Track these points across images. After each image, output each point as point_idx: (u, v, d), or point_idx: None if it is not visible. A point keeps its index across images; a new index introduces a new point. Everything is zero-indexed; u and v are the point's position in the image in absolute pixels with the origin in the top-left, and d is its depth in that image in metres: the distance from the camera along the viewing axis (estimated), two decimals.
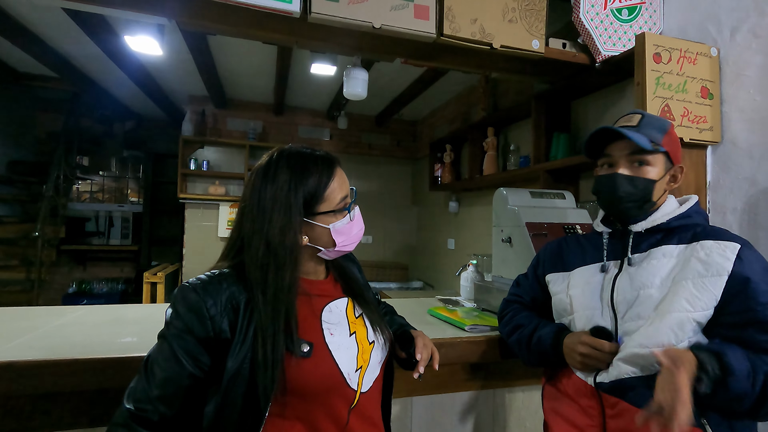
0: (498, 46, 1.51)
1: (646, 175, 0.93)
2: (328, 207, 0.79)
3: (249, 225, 0.76)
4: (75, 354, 0.97)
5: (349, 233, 0.82)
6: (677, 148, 0.97)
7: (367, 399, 0.81)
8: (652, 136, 0.93)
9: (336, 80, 3.54)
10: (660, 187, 0.95)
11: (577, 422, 0.96)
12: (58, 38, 3.01)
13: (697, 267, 0.85)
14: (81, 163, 5.33)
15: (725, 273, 0.83)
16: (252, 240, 0.75)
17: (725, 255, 0.84)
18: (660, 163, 0.94)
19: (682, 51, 1.44)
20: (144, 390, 0.69)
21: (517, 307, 1.18)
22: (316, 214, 0.78)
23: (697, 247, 0.88)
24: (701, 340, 0.85)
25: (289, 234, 0.74)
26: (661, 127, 0.95)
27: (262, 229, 0.74)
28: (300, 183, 0.76)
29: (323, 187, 0.78)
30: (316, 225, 0.79)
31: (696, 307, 0.84)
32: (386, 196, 4.93)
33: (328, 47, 1.68)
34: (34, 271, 4.47)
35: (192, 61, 3.20)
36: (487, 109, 3.14)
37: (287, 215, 0.74)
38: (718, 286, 0.83)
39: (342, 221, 0.81)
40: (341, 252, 0.84)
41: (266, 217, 0.74)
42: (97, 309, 1.49)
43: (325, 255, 0.83)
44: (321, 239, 0.80)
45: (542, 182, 2.23)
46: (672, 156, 0.95)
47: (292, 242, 0.75)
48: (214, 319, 0.70)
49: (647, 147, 0.90)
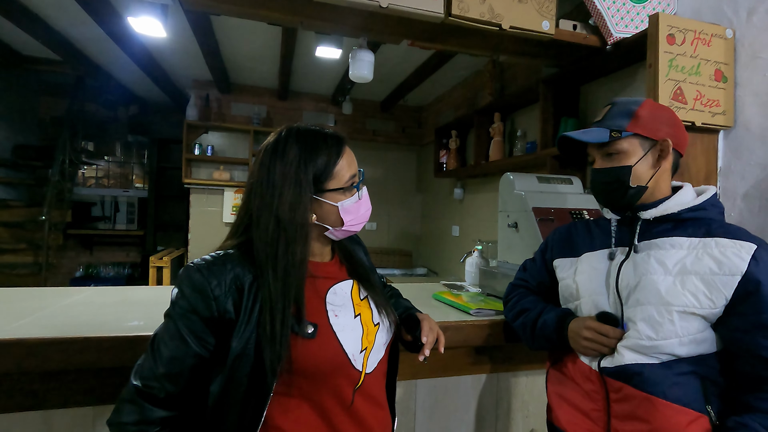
0: (507, 27, 1.48)
1: (621, 162, 0.93)
2: (337, 184, 0.79)
3: (258, 201, 0.76)
4: (83, 332, 0.98)
5: (357, 212, 0.82)
6: (656, 123, 0.93)
7: (371, 380, 0.81)
8: (614, 124, 0.93)
9: (341, 64, 3.50)
10: (642, 168, 0.92)
11: (581, 406, 0.96)
12: (61, 19, 2.98)
13: (709, 264, 0.84)
14: (86, 147, 5.33)
15: (739, 273, 0.81)
16: (261, 216, 0.75)
17: (740, 255, 0.82)
18: (634, 145, 0.92)
19: (697, 32, 1.40)
20: (150, 368, 0.70)
21: (523, 291, 1.17)
22: (325, 191, 0.78)
23: (711, 243, 0.86)
24: (708, 337, 0.84)
25: (299, 210, 0.74)
26: (628, 111, 0.94)
27: (271, 206, 0.74)
28: (310, 159, 0.76)
29: (332, 164, 0.78)
30: (324, 202, 0.79)
31: (703, 304, 0.83)
32: (391, 183, 4.92)
33: (334, 28, 1.65)
34: (41, 254, 4.51)
35: (196, 44, 3.16)
36: (493, 94, 3.09)
37: (297, 191, 0.74)
38: (730, 286, 0.81)
39: (350, 200, 0.81)
40: (348, 232, 0.83)
41: (276, 193, 0.74)
42: (104, 290, 1.51)
43: (333, 234, 0.83)
44: (329, 217, 0.80)
45: (549, 168, 2.21)
46: (648, 134, 0.92)
47: (302, 218, 0.75)
48: (218, 299, 0.70)
49: (603, 140, 0.92)
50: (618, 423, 0.89)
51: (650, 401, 0.84)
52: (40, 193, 4.71)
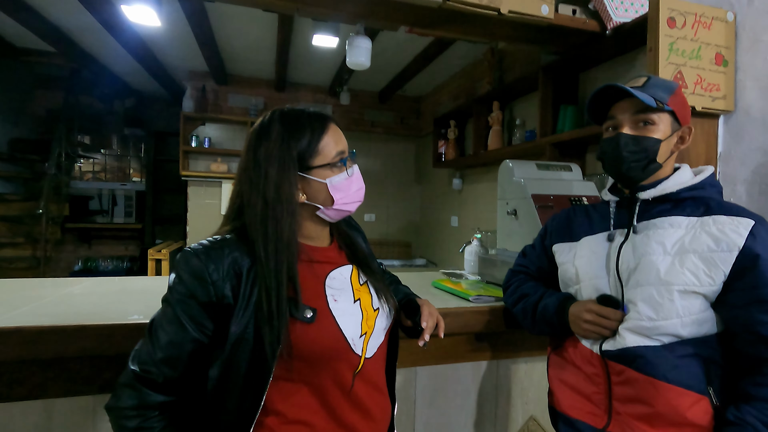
0: (506, 11, 1.46)
1: (652, 134, 0.90)
2: (323, 160, 0.78)
3: (247, 183, 0.76)
4: (81, 321, 0.97)
5: (348, 190, 0.81)
6: (685, 108, 0.94)
7: (371, 364, 0.81)
8: (657, 95, 0.90)
9: (338, 54, 3.47)
10: (666, 147, 0.92)
11: (582, 390, 0.96)
12: (54, 9, 2.94)
13: (707, 241, 0.83)
14: (82, 141, 5.30)
15: (736, 249, 0.81)
16: (251, 198, 0.75)
17: (738, 231, 0.82)
18: (666, 122, 0.91)
19: (697, 15, 1.39)
20: (148, 353, 0.69)
21: (523, 277, 1.17)
22: (312, 168, 0.78)
23: (709, 221, 0.86)
24: (710, 318, 0.84)
25: (284, 187, 0.74)
26: (668, 87, 0.93)
27: (258, 186, 0.74)
28: (292, 137, 0.76)
29: (316, 140, 0.78)
30: (312, 180, 0.78)
31: (702, 282, 0.82)
32: (390, 174, 4.90)
33: (330, 14, 1.63)
34: (39, 248, 4.50)
35: (191, 34, 3.12)
36: (492, 82, 3.07)
37: (281, 169, 0.75)
38: (728, 262, 0.81)
39: (339, 176, 0.80)
40: (341, 212, 0.82)
41: (261, 173, 0.74)
42: (103, 280, 1.50)
43: (325, 214, 0.82)
44: (319, 195, 0.79)
45: (548, 156, 2.20)
46: (679, 116, 0.92)
47: (288, 196, 0.75)
48: (216, 284, 0.69)
49: (651, 104, 0.88)
50: (619, 405, 0.89)
51: (652, 384, 0.84)
52: (37, 187, 4.68)
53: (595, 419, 0.93)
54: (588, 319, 0.92)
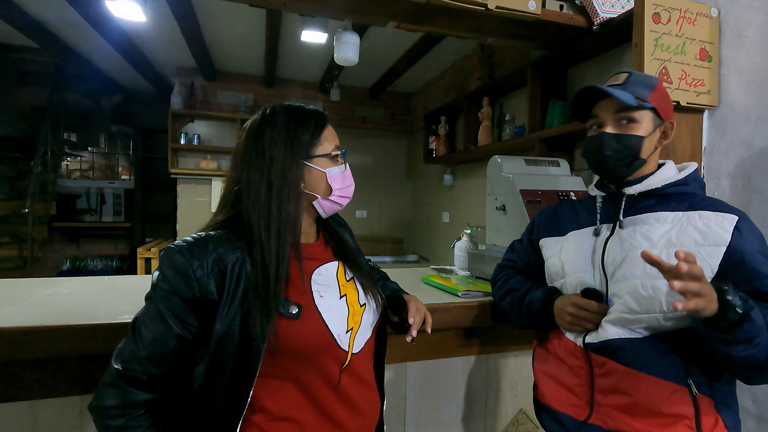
0: (493, 6, 1.46)
1: (634, 132, 0.91)
2: (324, 150, 0.81)
3: (247, 168, 0.76)
4: (66, 321, 0.96)
5: (343, 183, 0.84)
6: (667, 103, 0.95)
7: (359, 360, 0.81)
8: (638, 93, 0.91)
9: (327, 49, 3.45)
10: (649, 143, 0.93)
11: (566, 382, 0.97)
12: (35, 2, 2.88)
13: (694, 235, 0.85)
14: (69, 138, 5.21)
15: (723, 244, 0.82)
16: (251, 182, 0.75)
17: (723, 226, 0.83)
18: (648, 119, 0.92)
19: (682, 11, 1.40)
20: (132, 351, 0.69)
21: (511, 272, 1.18)
22: (314, 157, 0.80)
23: (694, 216, 0.87)
24: None
25: (291, 171, 0.76)
26: (648, 83, 0.93)
27: (262, 170, 0.75)
28: (299, 125, 0.79)
29: (319, 131, 0.81)
30: (313, 168, 0.80)
31: None
32: (381, 171, 4.89)
33: (318, 9, 1.62)
34: (26, 248, 4.43)
35: (178, 29, 3.08)
36: (482, 78, 3.08)
37: (288, 153, 0.77)
38: (716, 257, 0.82)
39: (337, 168, 0.83)
40: (335, 204, 0.84)
41: (266, 156, 0.76)
42: (89, 280, 1.48)
43: (320, 205, 0.83)
44: (318, 184, 0.81)
45: (537, 151, 2.21)
46: (661, 112, 0.93)
47: (295, 178, 0.77)
48: (200, 281, 0.69)
49: (632, 103, 0.89)
50: (601, 397, 0.91)
51: (632, 375, 0.86)
52: (22, 186, 4.60)
53: (578, 411, 0.94)
54: (572, 312, 0.93)
